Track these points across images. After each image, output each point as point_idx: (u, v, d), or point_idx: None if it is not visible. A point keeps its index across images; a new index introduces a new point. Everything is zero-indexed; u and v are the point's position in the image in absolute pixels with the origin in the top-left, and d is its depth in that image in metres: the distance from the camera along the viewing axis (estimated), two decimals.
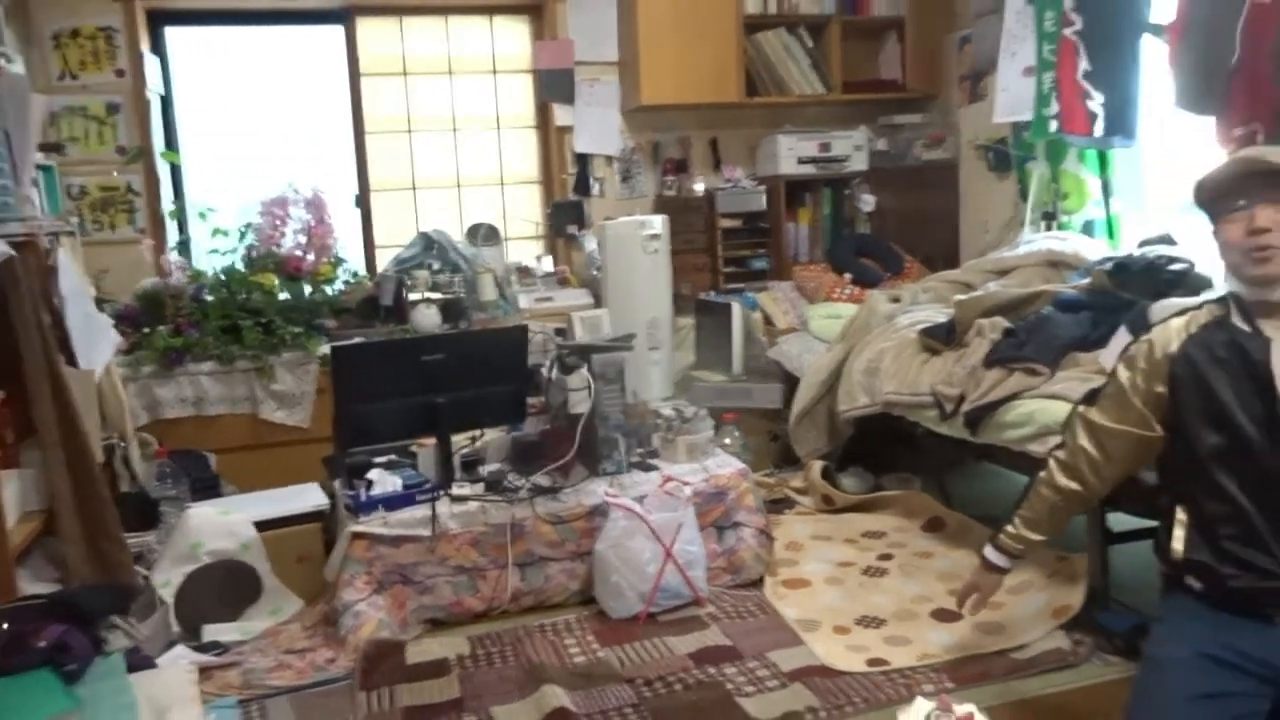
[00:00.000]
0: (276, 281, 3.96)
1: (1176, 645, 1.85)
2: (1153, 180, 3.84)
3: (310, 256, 4.10)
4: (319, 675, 2.51)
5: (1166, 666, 1.85)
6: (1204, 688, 1.76)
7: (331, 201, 4.27)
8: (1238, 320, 1.82)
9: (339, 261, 4.21)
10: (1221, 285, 3.05)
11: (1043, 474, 2.13)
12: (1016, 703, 2.22)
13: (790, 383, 3.89)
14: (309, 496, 3.09)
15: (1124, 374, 1.96)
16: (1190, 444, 1.85)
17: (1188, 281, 2.95)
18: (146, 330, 3.71)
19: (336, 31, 4.54)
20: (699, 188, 4.76)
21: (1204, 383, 1.82)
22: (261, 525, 2.89)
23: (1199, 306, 1.94)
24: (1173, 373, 1.87)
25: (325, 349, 3.73)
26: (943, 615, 2.68)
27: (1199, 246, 3.28)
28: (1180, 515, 1.88)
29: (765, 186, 4.74)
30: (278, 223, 4.10)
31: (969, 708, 1.81)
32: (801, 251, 4.84)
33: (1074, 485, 2.08)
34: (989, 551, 2.21)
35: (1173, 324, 1.92)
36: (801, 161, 4.71)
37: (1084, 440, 2.04)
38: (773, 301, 4.50)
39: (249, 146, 4.50)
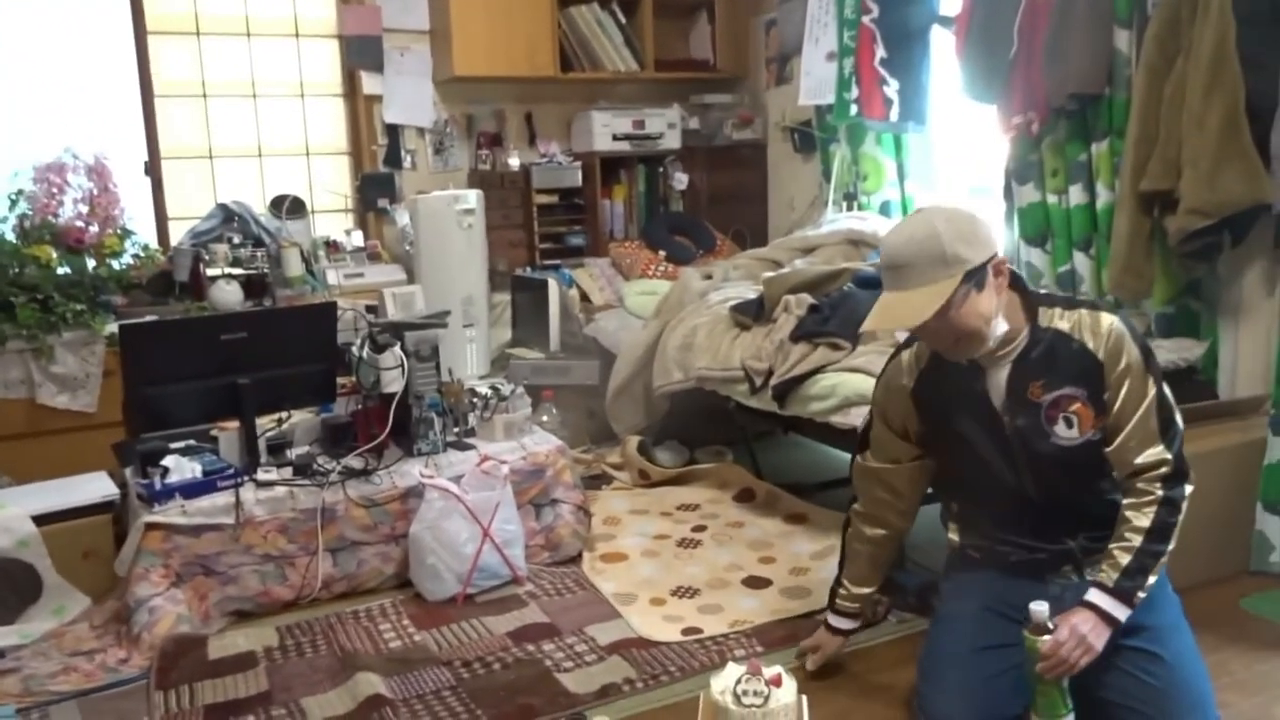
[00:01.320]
0: (54, 254, 3.64)
1: (961, 602, 2.04)
2: (943, 164, 4.09)
3: (93, 228, 3.80)
4: (110, 677, 2.35)
5: (953, 620, 2.03)
6: (987, 639, 1.93)
7: (117, 169, 3.96)
8: None
9: (127, 234, 3.92)
10: None
11: (849, 531, 2.20)
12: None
13: (607, 359, 3.92)
14: (96, 486, 2.87)
15: (878, 420, 2.11)
16: (943, 461, 2.07)
17: None
18: None
19: None
20: (514, 162, 4.71)
21: (942, 412, 1.99)
22: (42, 519, 2.67)
23: (912, 343, 2.06)
24: (916, 404, 2.02)
25: (113, 328, 3.47)
26: (753, 582, 2.79)
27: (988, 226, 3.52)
28: (952, 507, 2.13)
29: (581, 162, 4.74)
30: (55, 191, 3.77)
31: (777, 669, 1.89)
32: (617, 228, 4.88)
33: (881, 531, 2.16)
34: (832, 619, 2.22)
35: (902, 359, 2.06)
36: (616, 138, 4.74)
37: (872, 488, 2.15)
38: (589, 278, 4.52)
39: (19, 107, 4.11)
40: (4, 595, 2.58)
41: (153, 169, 4.33)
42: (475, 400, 3.11)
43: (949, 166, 4.08)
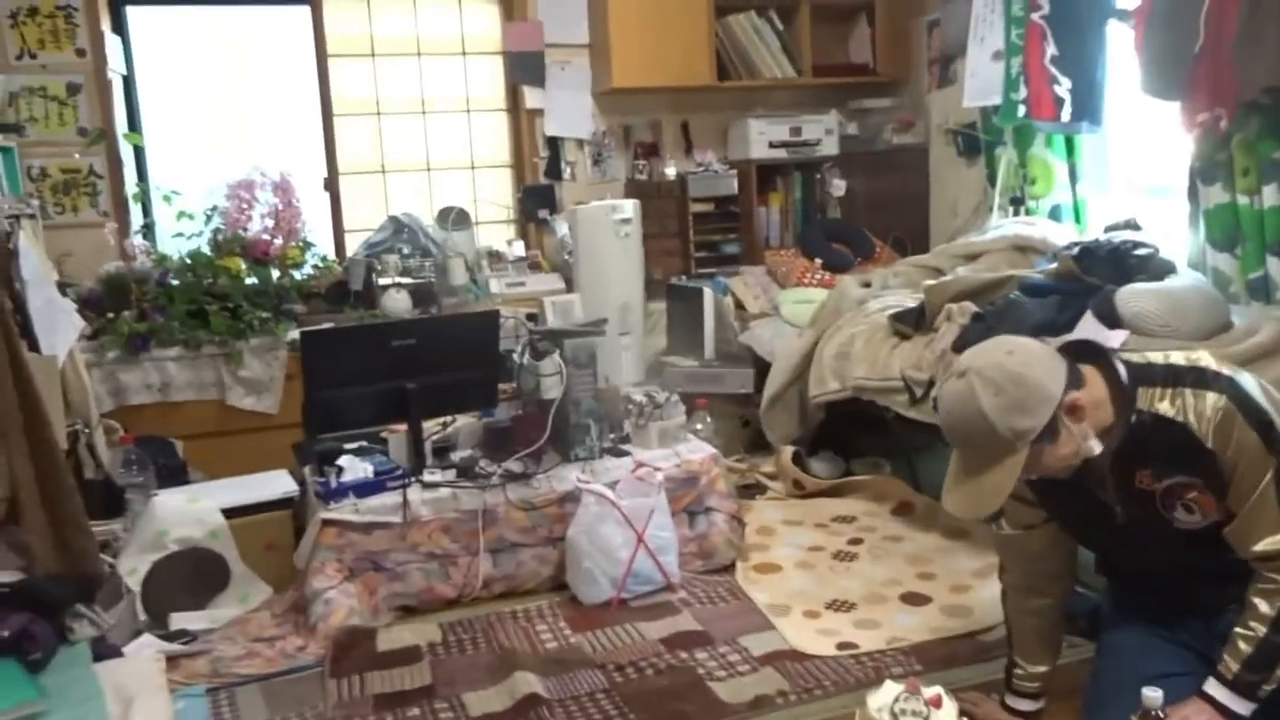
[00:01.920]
0: (243, 266, 3.91)
1: (1125, 630, 1.94)
2: (1119, 165, 3.87)
3: (278, 240, 4.06)
4: (288, 663, 2.50)
5: (1117, 649, 1.93)
6: (1153, 668, 1.81)
7: (299, 185, 4.22)
8: None
9: (307, 246, 4.17)
10: (1185, 271, 3.11)
11: (1008, 605, 2.06)
12: (984, 685, 2.24)
13: (761, 368, 3.90)
14: (278, 483, 3.06)
15: None
16: (1068, 530, 1.95)
17: (1152, 266, 2.98)
18: (110, 315, 3.66)
19: (303, 12, 4.48)
20: (670, 172, 4.75)
21: (1055, 498, 1.88)
22: (229, 512, 2.87)
23: None
24: (1029, 485, 1.87)
25: (294, 334, 3.70)
26: (911, 599, 2.71)
27: (1163, 232, 3.33)
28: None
29: (736, 170, 4.73)
30: (244, 206, 4.05)
31: (937, 690, 1.84)
32: (772, 236, 4.84)
33: (1038, 600, 2.01)
34: (1013, 701, 2.06)
35: None
36: (772, 145, 4.71)
37: (1016, 556, 2.03)
38: (744, 286, 4.51)
39: (214, 129, 4.44)
40: (196, 583, 2.79)
41: (331, 184, 4.58)
42: (631, 407, 3.15)
43: (1125, 168, 3.87)
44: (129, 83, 4.38)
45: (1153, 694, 1.64)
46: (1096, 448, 1.68)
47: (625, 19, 4.48)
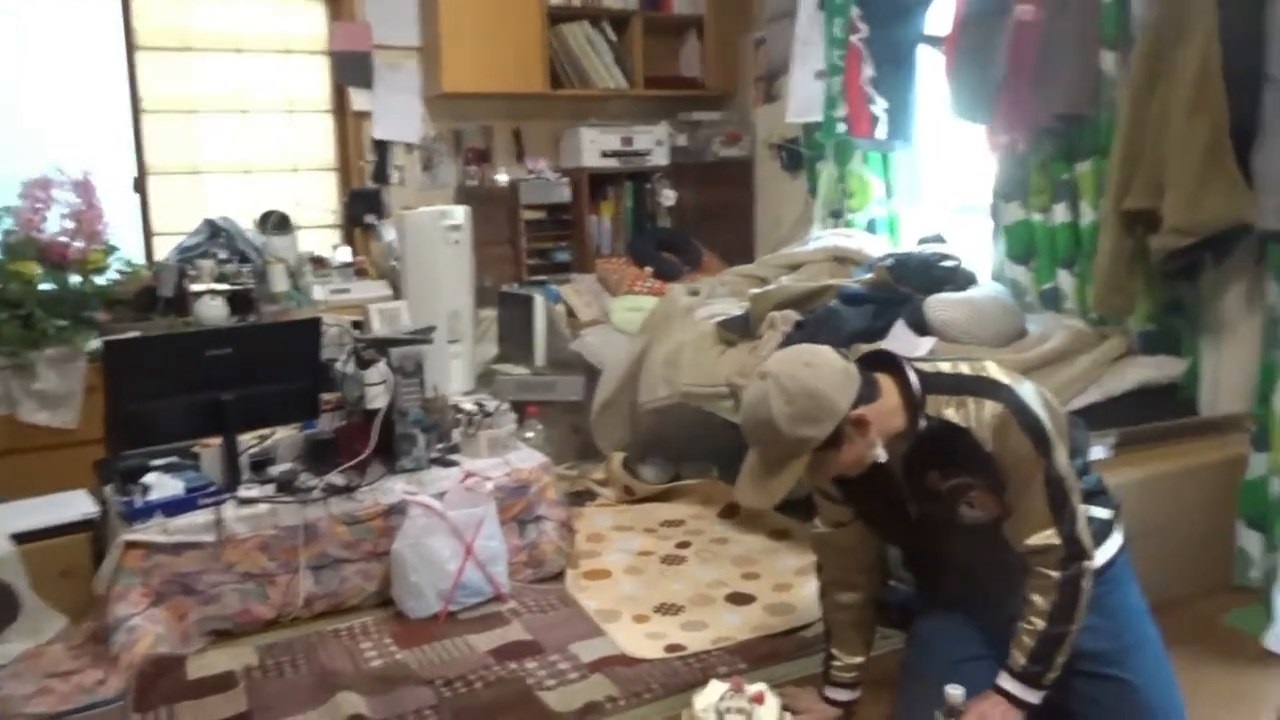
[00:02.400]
0: (39, 270, 3.63)
1: (935, 618, 2.06)
2: (929, 182, 4.10)
3: (78, 243, 3.78)
4: (86, 698, 2.33)
5: (929, 636, 2.05)
6: (964, 652, 1.94)
7: (103, 185, 3.94)
8: None
9: (112, 250, 3.90)
10: (988, 282, 3.31)
11: (825, 602, 2.15)
12: (805, 678, 2.31)
13: (593, 375, 3.92)
14: (76, 505, 2.85)
15: (815, 490, 2.08)
16: (871, 525, 2.07)
17: (957, 277, 3.17)
18: None
19: (109, 2, 4.20)
20: (502, 178, 4.72)
21: (857, 493, 1.99)
22: (20, 537, 2.64)
23: None
24: (835, 481, 1.98)
25: (96, 344, 3.46)
26: (737, 599, 2.78)
27: (968, 245, 3.55)
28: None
29: (568, 178, 4.75)
30: (40, 206, 3.75)
31: (760, 687, 1.89)
32: (604, 244, 4.88)
33: (852, 594, 2.10)
34: (831, 692, 2.12)
35: None
36: (604, 154, 4.75)
37: (830, 553, 2.12)
38: (575, 294, 4.52)
39: (6, 123, 4.10)
40: None
41: (140, 185, 4.32)
42: (460, 416, 3.10)
43: (935, 184, 4.10)
44: None
45: (955, 691, 1.73)
46: (882, 455, 1.79)
47: (457, 23, 4.43)
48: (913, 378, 1.82)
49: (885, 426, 1.79)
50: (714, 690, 1.91)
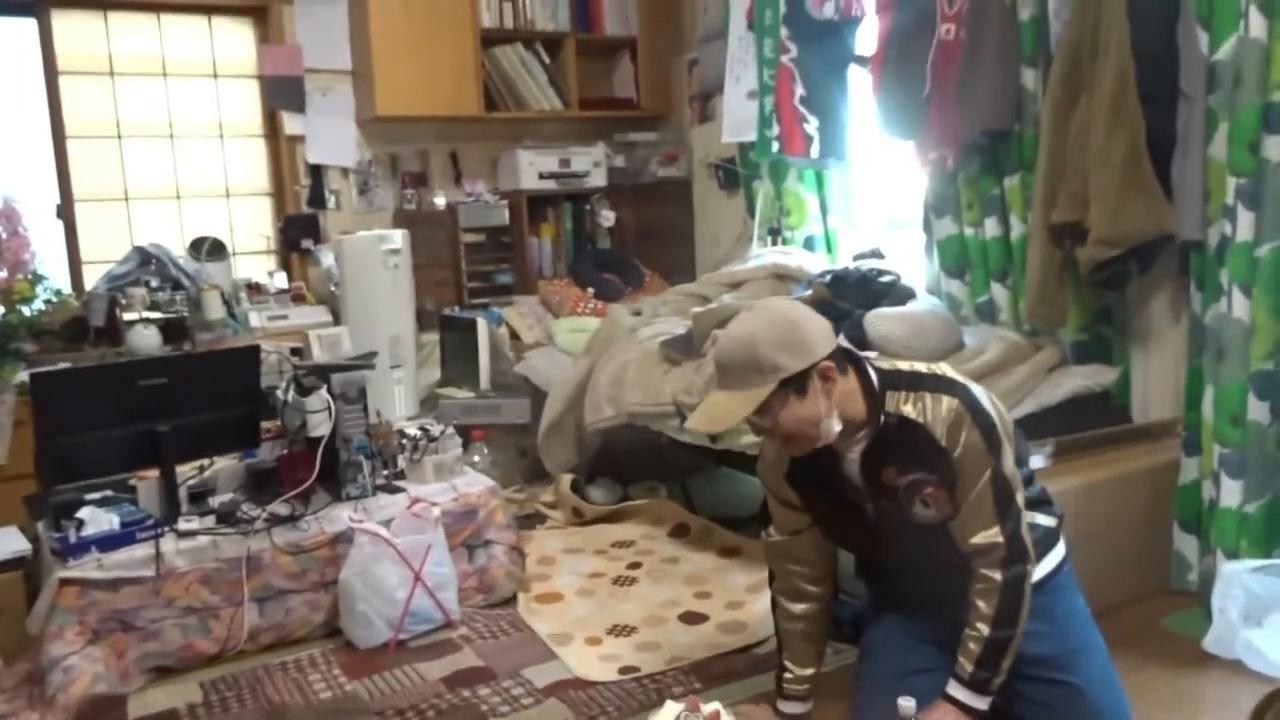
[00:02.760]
0: None
1: (884, 631, 2.08)
2: (863, 198, 4.18)
3: (2, 273, 3.67)
4: None
5: (878, 649, 2.08)
6: (913, 664, 1.97)
7: (28, 212, 3.83)
8: None
9: (38, 279, 3.79)
10: (925, 297, 3.38)
11: (777, 612, 2.15)
12: (759, 695, 2.32)
13: (538, 397, 3.91)
14: (6, 542, 2.76)
15: (770, 495, 2.11)
16: (826, 530, 2.08)
17: (895, 292, 3.23)
18: None
19: (28, 24, 4.11)
20: (440, 201, 4.69)
21: (814, 494, 2.01)
22: None
23: None
24: (791, 484, 2.03)
25: (24, 376, 3.35)
26: (689, 618, 2.78)
27: (904, 260, 3.62)
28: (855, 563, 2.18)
29: (507, 201, 4.74)
30: None
31: (715, 705, 1.89)
32: (545, 266, 4.88)
33: (805, 605, 2.10)
34: (783, 705, 2.13)
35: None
36: (542, 176, 4.76)
37: (783, 562, 2.12)
38: (518, 316, 4.51)
39: None
40: None
41: (65, 212, 4.21)
42: (405, 442, 3.07)
43: (869, 201, 4.18)
44: None
45: (905, 703, 1.75)
46: (836, 427, 1.81)
47: (388, 47, 4.40)
48: (872, 373, 1.86)
49: (845, 407, 1.82)
50: (670, 711, 1.90)
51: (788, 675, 2.13)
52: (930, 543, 1.90)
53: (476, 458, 3.28)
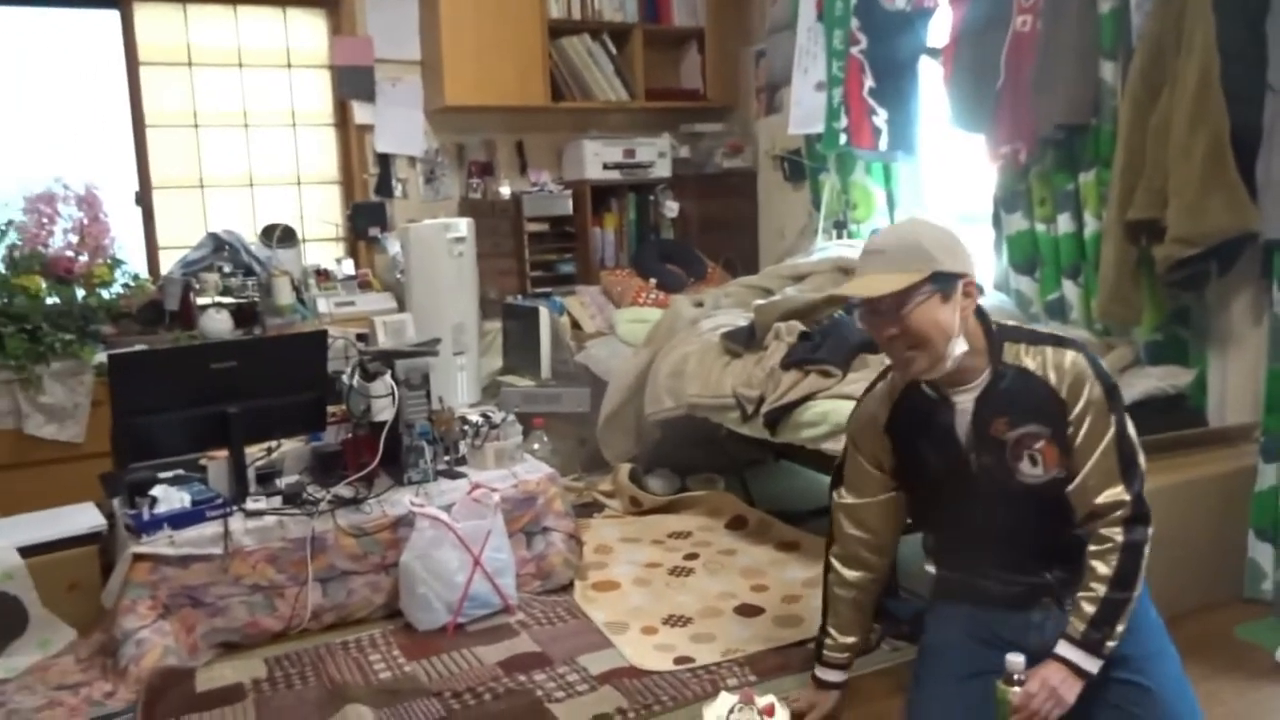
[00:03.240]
0: (43, 285, 3.63)
1: (945, 632, 2.04)
2: (932, 192, 4.11)
3: (83, 258, 3.79)
4: (95, 711, 2.32)
5: (938, 650, 2.03)
6: (972, 667, 1.92)
7: (108, 199, 3.96)
8: (925, 388, 1.96)
9: (117, 263, 3.91)
10: (993, 293, 3.32)
11: (830, 576, 2.15)
12: None
13: (598, 387, 3.92)
14: (83, 518, 2.85)
15: (852, 452, 2.09)
16: (916, 496, 2.06)
17: None
18: None
19: (111, 17, 4.22)
20: (505, 191, 4.73)
21: (913, 447, 1.99)
22: (27, 551, 2.64)
23: (887, 371, 2.06)
24: (889, 436, 2.01)
25: (102, 358, 3.46)
26: (745, 610, 2.77)
27: (972, 255, 3.54)
28: (929, 540, 2.13)
29: (571, 191, 4.76)
30: (45, 221, 3.76)
31: (770, 699, 1.88)
32: (607, 256, 4.89)
33: (861, 573, 2.11)
34: (821, 672, 2.14)
35: (877, 390, 2.06)
36: (607, 167, 4.77)
37: (849, 527, 2.11)
38: (580, 306, 4.53)
39: (11, 137, 4.12)
40: None
41: (144, 199, 4.33)
42: (466, 428, 3.10)
43: (938, 195, 4.11)
44: None
45: (1016, 659, 1.76)
46: (960, 349, 1.81)
47: (458, 38, 4.45)
48: (991, 322, 1.89)
49: (969, 338, 1.83)
50: (724, 702, 1.90)
51: (829, 642, 2.13)
52: (1024, 511, 1.87)
53: (536, 445, 3.30)
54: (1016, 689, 1.75)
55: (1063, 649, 1.81)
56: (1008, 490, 1.87)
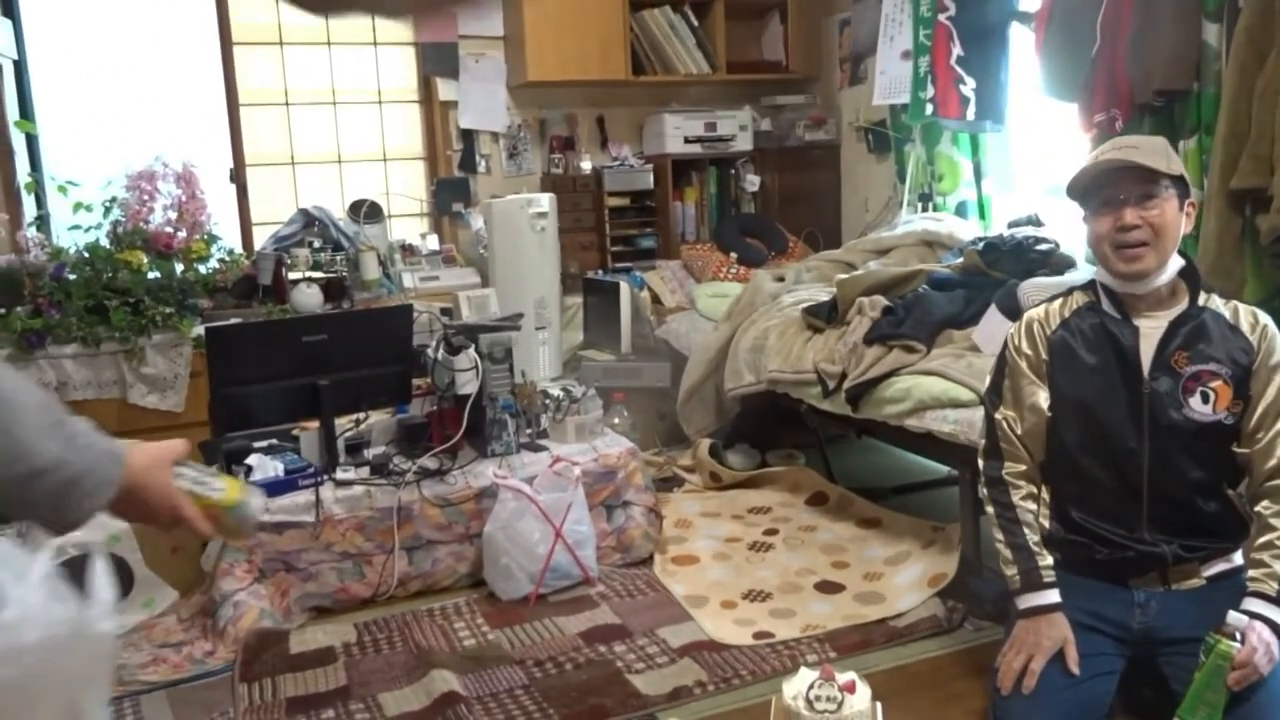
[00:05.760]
0: (145, 259, 3.78)
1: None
2: (1021, 163, 4.00)
3: (181, 233, 3.93)
4: (197, 669, 2.43)
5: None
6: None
7: (204, 176, 4.09)
8: (1109, 308, 1.94)
9: (213, 239, 4.04)
10: (1085, 267, 3.22)
11: (1007, 501, 2.02)
12: (896, 669, 2.30)
13: (678, 361, 3.92)
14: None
15: (1016, 358, 2.04)
16: (1057, 425, 1.99)
17: (1053, 261, 3.09)
18: (2, 311, 3.50)
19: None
20: (586, 166, 4.75)
21: (1076, 364, 1.95)
22: None
23: (1069, 291, 2.03)
24: (1051, 350, 1.99)
25: (199, 330, 3.59)
26: (825, 587, 2.76)
27: (1063, 227, 3.45)
28: (1044, 495, 2.05)
29: (652, 165, 4.75)
30: (145, 198, 3.91)
31: (850, 675, 1.87)
32: (688, 230, 4.88)
33: (1034, 488, 2.04)
34: (1045, 596, 1.94)
35: (1051, 306, 2.03)
36: (688, 141, 4.74)
37: (1002, 442, 2.04)
38: (660, 280, 4.53)
39: (113, 117, 4.27)
40: None
41: (237, 176, 4.46)
42: (548, 402, 3.14)
43: (1027, 166, 3.99)
44: (20, 67, 4.19)
45: (1239, 617, 1.75)
46: (1177, 263, 1.91)
47: (540, 13, 4.46)
48: (1192, 259, 1.98)
49: (1173, 272, 1.92)
50: (804, 678, 1.90)
51: (1045, 563, 1.97)
52: (1173, 455, 1.88)
53: (617, 419, 3.32)
54: (1237, 644, 1.72)
55: (1260, 608, 1.78)
56: (1169, 422, 1.87)
